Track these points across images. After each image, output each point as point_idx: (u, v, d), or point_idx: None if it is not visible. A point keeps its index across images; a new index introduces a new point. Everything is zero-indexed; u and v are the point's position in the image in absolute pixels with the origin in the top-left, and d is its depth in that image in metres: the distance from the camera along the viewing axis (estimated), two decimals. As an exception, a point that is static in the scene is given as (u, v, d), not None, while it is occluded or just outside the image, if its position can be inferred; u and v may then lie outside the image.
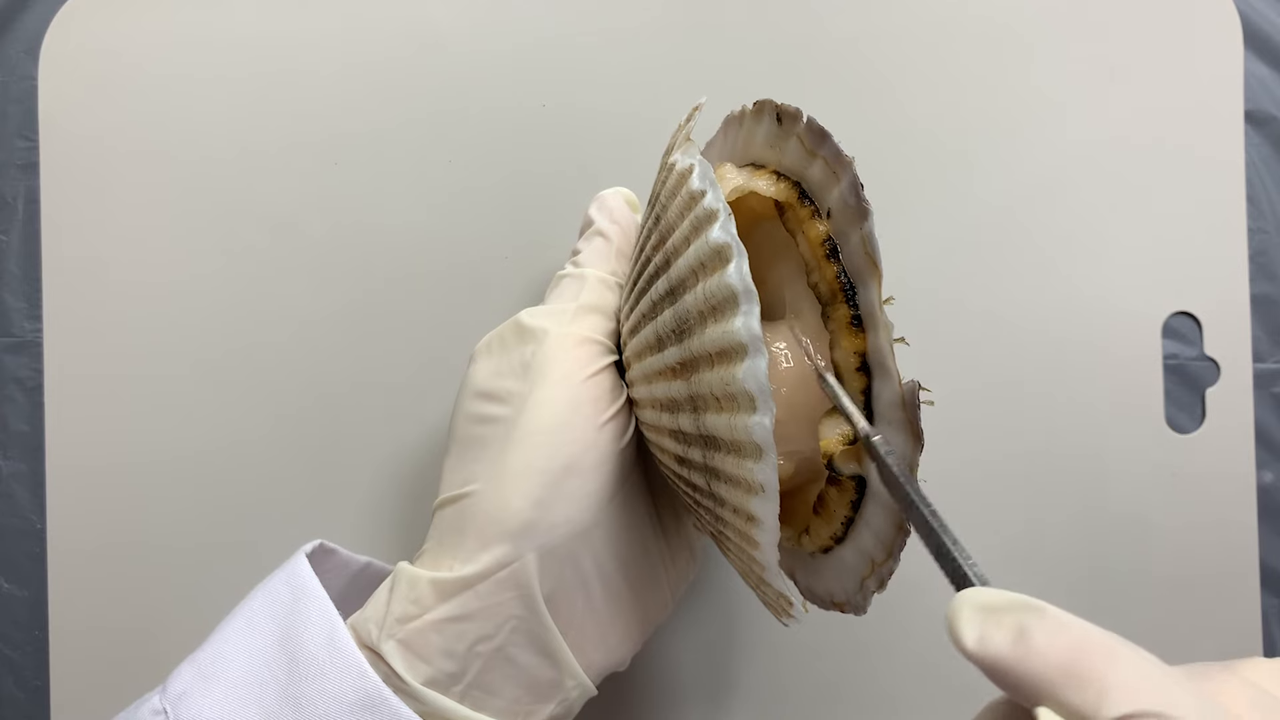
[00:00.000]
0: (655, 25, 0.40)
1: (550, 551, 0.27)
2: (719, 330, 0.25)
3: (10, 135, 0.39)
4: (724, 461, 0.25)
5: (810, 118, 0.29)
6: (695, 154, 0.27)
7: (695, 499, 0.28)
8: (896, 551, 0.28)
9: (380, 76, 0.39)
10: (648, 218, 0.29)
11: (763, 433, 0.24)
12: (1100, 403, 0.40)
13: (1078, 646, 0.19)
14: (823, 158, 0.29)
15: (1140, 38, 0.40)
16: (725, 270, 0.24)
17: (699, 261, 0.25)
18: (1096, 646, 0.19)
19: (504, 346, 0.30)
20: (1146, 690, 0.18)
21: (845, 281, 0.29)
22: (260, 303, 0.39)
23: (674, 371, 0.26)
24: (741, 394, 0.24)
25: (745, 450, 0.24)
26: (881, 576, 0.28)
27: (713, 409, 0.25)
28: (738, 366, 0.24)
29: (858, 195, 0.28)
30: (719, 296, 0.25)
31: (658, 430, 0.28)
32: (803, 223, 0.30)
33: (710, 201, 0.25)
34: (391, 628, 0.27)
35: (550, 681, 0.29)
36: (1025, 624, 0.19)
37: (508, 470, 0.27)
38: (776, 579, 0.26)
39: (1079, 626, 0.19)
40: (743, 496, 0.25)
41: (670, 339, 0.26)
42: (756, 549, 0.26)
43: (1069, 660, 0.19)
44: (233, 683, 0.26)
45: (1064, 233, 0.40)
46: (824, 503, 0.30)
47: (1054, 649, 0.19)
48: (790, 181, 0.30)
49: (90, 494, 0.38)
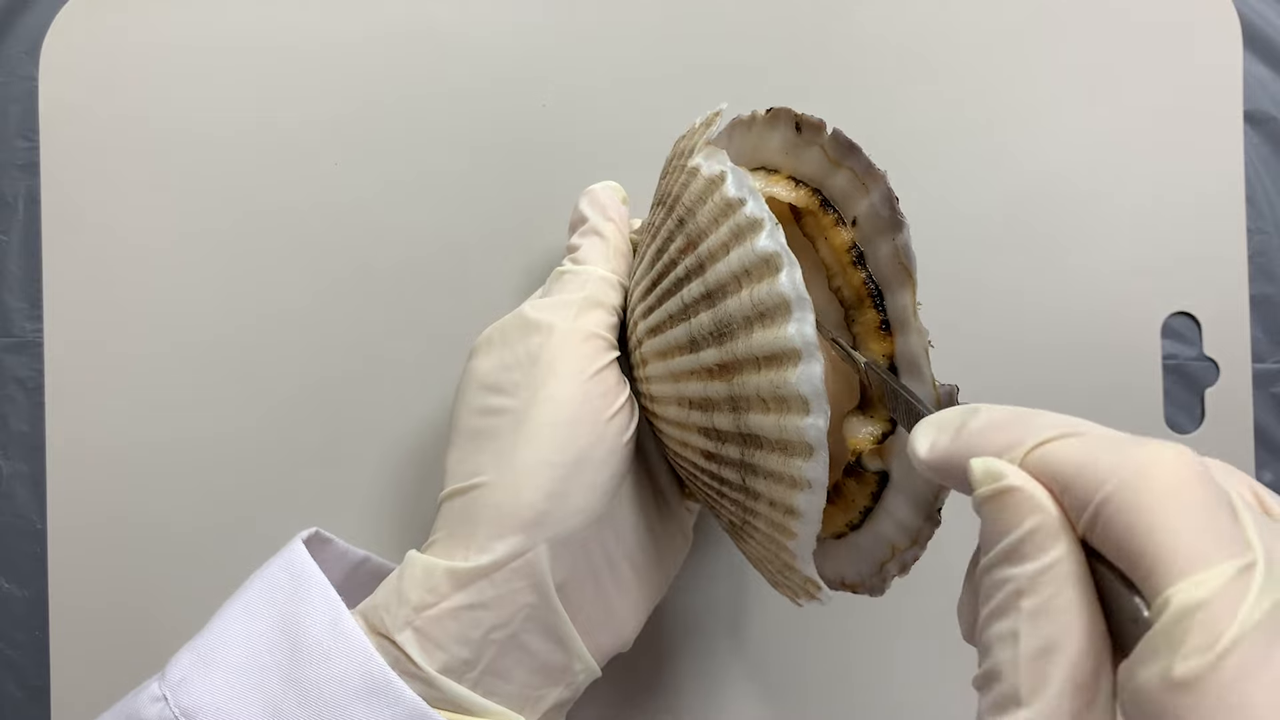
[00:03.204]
0: (655, 25, 0.40)
1: (562, 541, 0.28)
2: (769, 335, 0.26)
3: (10, 135, 0.39)
4: (766, 459, 0.26)
5: (836, 129, 0.30)
6: (725, 160, 0.28)
7: (720, 490, 0.29)
8: (924, 540, 0.30)
9: (382, 76, 0.39)
10: (664, 219, 0.29)
11: (816, 434, 0.25)
12: (1100, 403, 0.40)
13: (1007, 416, 0.21)
14: (849, 168, 0.30)
15: (1140, 38, 0.40)
16: (776, 278, 0.25)
17: (743, 268, 0.26)
18: (1023, 412, 0.21)
19: (507, 340, 0.30)
20: (1063, 421, 0.20)
21: (873, 287, 0.31)
22: (261, 303, 0.39)
23: (711, 372, 0.27)
24: (794, 397, 0.25)
25: (794, 449, 0.26)
26: (904, 561, 0.30)
27: (758, 409, 0.26)
28: (790, 371, 0.25)
29: (892, 207, 0.30)
30: (769, 303, 0.26)
31: (683, 427, 0.29)
32: (825, 230, 0.31)
33: (753, 210, 0.26)
34: (408, 615, 0.27)
35: (560, 666, 0.29)
36: (964, 419, 0.21)
37: (519, 462, 0.28)
38: (807, 566, 0.28)
39: (1011, 408, 0.21)
40: (785, 491, 0.26)
41: (708, 341, 0.27)
42: (793, 539, 0.27)
43: (999, 425, 0.20)
44: (233, 668, 0.27)
45: (1063, 233, 0.40)
46: (842, 493, 0.31)
47: (988, 425, 0.21)
48: (810, 189, 0.31)
49: (90, 494, 0.38)
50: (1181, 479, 0.18)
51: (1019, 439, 0.20)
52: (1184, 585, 0.16)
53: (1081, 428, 0.20)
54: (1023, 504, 0.19)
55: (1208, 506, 0.17)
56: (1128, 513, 0.17)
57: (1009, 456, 0.20)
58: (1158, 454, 0.18)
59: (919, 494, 0.30)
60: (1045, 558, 0.18)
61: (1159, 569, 0.17)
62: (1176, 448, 0.18)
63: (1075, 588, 0.18)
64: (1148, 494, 0.17)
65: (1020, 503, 0.19)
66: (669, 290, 0.28)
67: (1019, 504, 0.19)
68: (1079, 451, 0.19)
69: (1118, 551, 0.18)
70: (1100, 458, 0.18)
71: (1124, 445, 0.19)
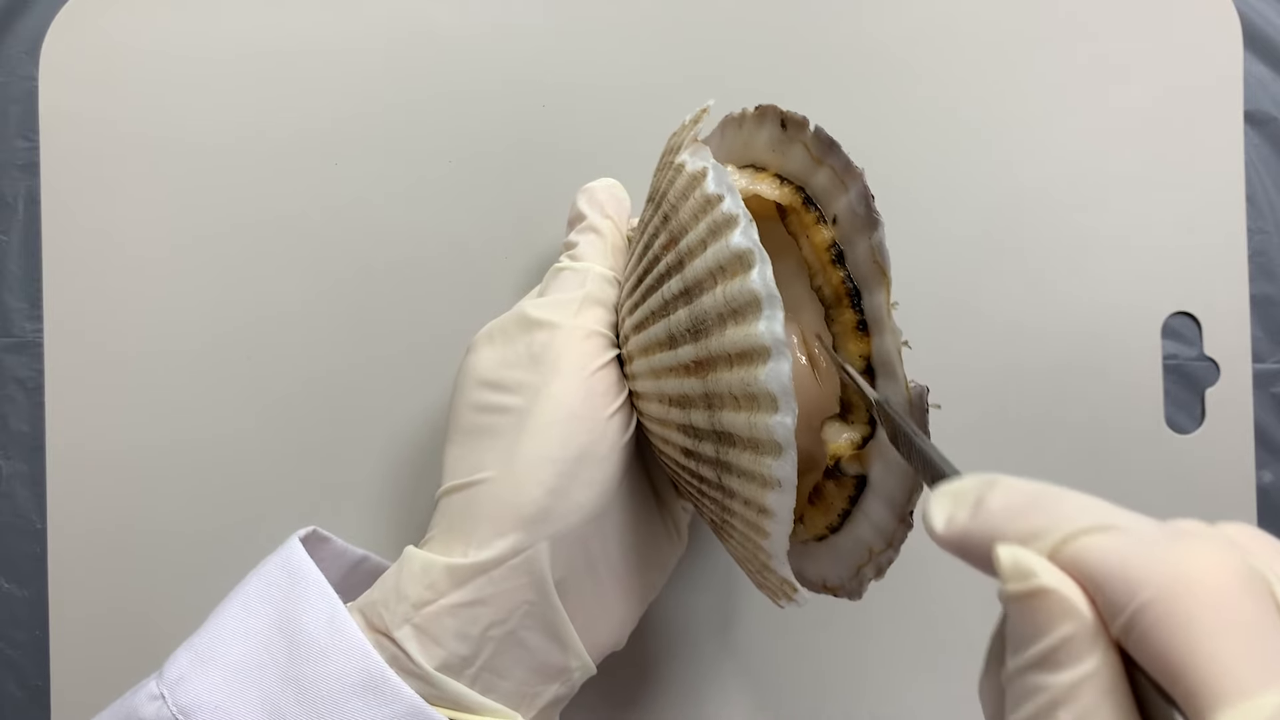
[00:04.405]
0: (655, 26, 0.40)
1: (562, 538, 0.28)
2: (740, 332, 0.25)
3: (10, 135, 0.39)
4: (739, 457, 0.26)
5: (818, 127, 0.30)
6: (708, 157, 0.28)
7: (700, 489, 0.29)
8: (897, 543, 0.29)
9: (381, 76, 0.39)
10: (651, 215, 0.29)
11: (784, 432, 0.25)
12: (1100, 403, 0.40)
13: (1030, 496, 0.19)
14: (830, 166, 0.30)
15: (1140, 38, 0.40)
16: (748, 275, 0.25)
17: (718, 265, 0.26)
18: (1047, 491, 0.19)
19: (508, 336, 0.30)
20: (1095, 510, 0.18)
21: (851, 286, 0.30)
22: (261, 303, 0.39)
23: (687, 369, 0.27)
24: (764, 394, 0.25)
25: (764, 447, 0.25)
26: (880, 565, 0.30)
27: (730, 407, 0.26)
28: (760, 368, 0.25)
29: (868, 205, 0.30)
30: (741, 300, 0.25)
31: (664, 424, 0.29)
32: (807, 228, 0.31)
33: (729, 207, 0.26)
34: (406, 612, 0.27)
35: (558, 663, 0.29)
36: (981, 494, 0.19)
37: (523, 459, 0.28)
38: (782, 567, 0.27)
39: (1033, 485, 0.19)
40: (757, 490, 0.26)
41: (685, 337, 0.27)
42: (766, 539, 0.27)
43: (1021, 506, 0.19)
44: (231, 666, 0.27)
45: (1063, 233, 0.40)
46: (821, 495, 0.31)
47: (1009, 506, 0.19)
48: (794, 186, 0.31)
49: (90, 494, 0.38)
50: (1224, 589, 0.16)
51: (1045, 527, 0.18)
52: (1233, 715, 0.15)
53: (1114, 518, 0.18)
54: (1056, 608, 0.17)
55: (1253, 624, 0.16)
56: (1167, 627, 0.16)
57: (1036, 547, 0.18)
58: (1198, 559, 0.16)
59: (893, 497, 0.30)
60: (1082, 667, 0.17)
61: (1200, 693, 0.15)
62: (1220, 546, 0.17)
63: (1114, 701, 0.17)
64: (1188, 606, 0.16)
65: (1053, 606, 0.17)
66: (652, 286, 0.28)
67: (1052, 608, 0.17)
68: (1114, 551, 0.17)
69: (1155, 666, 0.16)
70: (1136, 559, 0.17)
71: (1163, 544, 0.17)
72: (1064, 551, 0.18)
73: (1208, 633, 0.16)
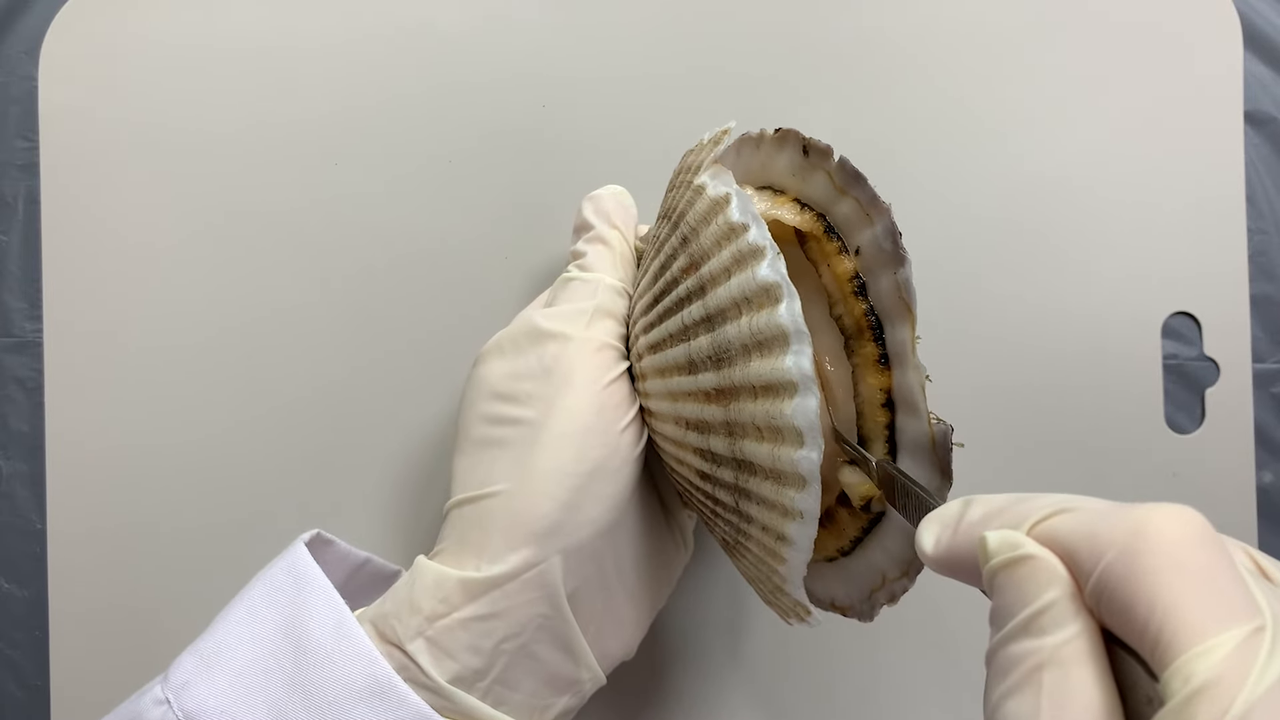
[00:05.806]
0: (656, 25, 0.40)
1: (575, 552, 0.28)
2: (767, 366, 0.25)
3: (10, 135, 0.39)
4: (760, 485, 0.26)
5: (843, 157, 0.30)
6: (730, 181, 0.27)
7: (715, 511, 0.29)
8: (914, 573, 0.29)
9: (381, 77, 0.39)
10: (668, 235, 0.29)
11: (809, 466, 0.25)
12: (1100, 403, 0.40)
13: (1004, 501, 0.21)
14: (854, 198, 0.30)
15: (1140, 38, 0.40)
16: (775, 309, 0.25)
17: (743, 295, 0.26)
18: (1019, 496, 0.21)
19: (518, 348, 0.30)
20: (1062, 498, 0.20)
21: (874, 320, 0.30)
22: (261, 304, 0.39)
23: (708, 396, 0.27)
24: (789, 429, 0.25)
25: (787, 479, 0.25)
26: (893, 592, 0.30)
27: (753, 437, 0.26)
28: (786, 403, 0.25)
29: (895, 242, 0.30)
30: (767, 334, 0.25)
31: (680, 445, 0.28)
32: (828, 257, 0.31)
33: (755, 238, 0.26)
34: (420, 625, 0.27)
35: (569, 676, 0.29)
36: (961, 511, 0.21)
37: (536, 472, 0.28)
38: (797, 590, 0.27)
39: (1006, 495, 0.21)
40: (778, 519, 0.26)
41: (706, 364, 0.27)
42: (783, 564, 0.27)
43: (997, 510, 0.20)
44: (237, 671, 0.26)
45: (1063, 233, 0.40)
46: (834, 519, 0.31)
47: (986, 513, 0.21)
48: (815, 213, 0.31)
49: (90, 494, 0.38)
50: (1180, 540, 0.17)
51: (1020, 518, 0.19)
52: (1189, 657, 0.16)
53: (1079, 503, 0.19)
54: (1041, 573, 0.18)
55: (1209, 569, 0.17)
56: (1129, 579, 0.17)
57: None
58: (1155, 517, 0.17)
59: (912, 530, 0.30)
60: (1064, 632, 0.18)
61: (1163, 641, 0.16)
62: (1177, 507, 0.17)
63: (1094, 665, 0.17)
64: (1146, 559, 0.17)
65: (1038, 571, 0.18)
66: (670, 309, 0.28)
67: (1037, 573, 0.18)
68: (1081, 522, 0.18)
69: (1122, 622, 0.17)
70: (1101, 524, 0.18)
71: (1123, 511, 0.18)
72: (1037, 531, 0.19)
73: (1166, 583, 0.17)
